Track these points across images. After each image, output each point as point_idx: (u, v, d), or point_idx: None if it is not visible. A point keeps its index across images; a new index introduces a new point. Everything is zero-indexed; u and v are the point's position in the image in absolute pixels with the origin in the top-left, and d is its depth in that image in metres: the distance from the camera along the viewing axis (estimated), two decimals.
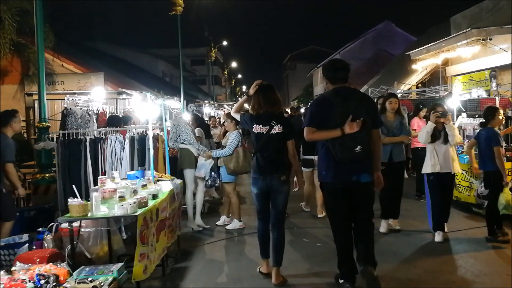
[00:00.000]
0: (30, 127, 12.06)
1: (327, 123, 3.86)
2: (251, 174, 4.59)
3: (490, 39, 12.19)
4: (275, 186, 4.39)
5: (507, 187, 5.71)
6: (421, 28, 26.97)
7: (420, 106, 8.36)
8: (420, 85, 18.81)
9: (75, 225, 4.07)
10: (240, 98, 5.36)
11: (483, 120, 5.84)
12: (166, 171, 6.11)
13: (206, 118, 15.44)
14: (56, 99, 11.33)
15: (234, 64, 53.55)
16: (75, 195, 4.20)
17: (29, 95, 11.92)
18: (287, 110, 17.71)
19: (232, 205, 6.81)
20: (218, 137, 10.37)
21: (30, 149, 9.83)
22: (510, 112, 8.60)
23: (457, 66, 15.18)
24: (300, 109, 15.99)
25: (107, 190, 4.20)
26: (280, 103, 4.59)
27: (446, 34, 14.71)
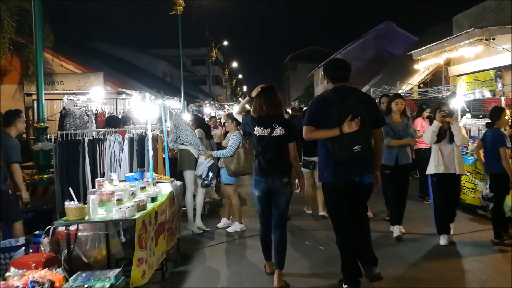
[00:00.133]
0: (30, 127, 11.96)
1: (327, 122, 3.84)
2: (253, 176, 4.56)
3: (493, 39, 12.10)
4: (277, 187, 4.36)
5: None
6: (422, 28, 26.85)
7: (424, 107, 8.24)
8: (422, 85, 18.69)
9: (72, 228, 3.97)
10: (241, 98, 5.33)
11: (489, 121, 5.73)
12: (166, 172, 6.01)
13: (206, 118, 15.33)
14: (55, 99, 11.25)
15: (235, 64, 53.38)
16: (73, 197, 4.11)
17: (28, 95, 11.81)
18: (288, 110, 17.56)
19: (233, 207, 6.71)
20: (219, 137, 10.27)
21: (29, 149, 9.74)
22: None
23: (459, 66, 15.07)
24: (302, 109, 15.85)
25: (105, 192, 4.09)
26: (281, 105, 4.60)
27: (448, 34, 14.61)
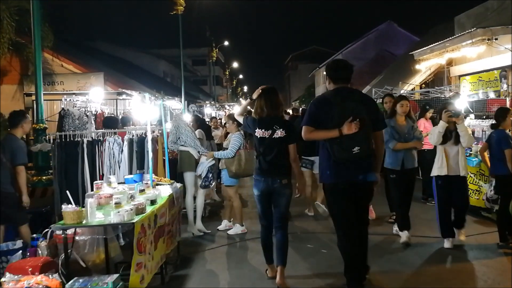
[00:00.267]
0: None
1: (326, 123, 3.80)
2: (254, 176, 4.55)
3: (496, 39, 12.00)
4: (277, 189, 4.36)
5: None
6: (424, 29, 26.80)
7: (427, 107, 8.15)
8: (423, 85, 18.59)
9: (70, 232, 3.88)
10: (242, 99, 5.31)
11: (494, 122, 5.64)
12: (166, 174, 5.93)
13: (207, 119, 15.25)
14: (55, 100, 11.16)
15: (236, 64, 53.28)
16: (73, 198, 4.04)
17: (28, 95, 11.74)
18: (288, 111, 17.43)
19: (234, 209, 6.63)
20: (220, 138, 10.19)
21: (28, 150, 9.67)
22: None
23: (461, 66, 14.97)
24: (305, 110, 15.68)
25: (103, 196, 4.01)
26: (282, 106, 4.60)
27: (449, 34, 14.50)
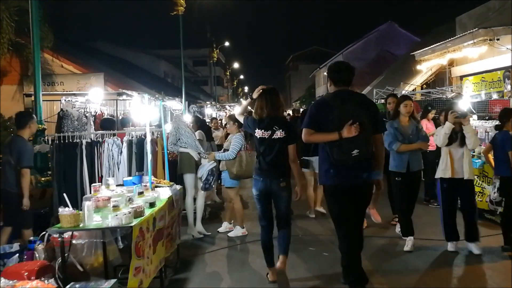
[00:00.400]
0: None
1: (326, 125, 3.79)
2: (253, 176, 4.57)
3: (498, 39, 11.92)
4: (275, 191, 4.40)
5: None
6: (424, 29, 26.71)
7: (429, 108, 8.07)
8: (424, 86, 18.51)
9: (67, 236, 3.81)
10: (242, 99, 5.29)
11: (498, 123, 5.56)
12: (165, 176, 5.85)
13: (207, 119, 15.17)
14: (54, 100, 11.07)
15: (236, 65, 53.23)
16: (71, 201, 3.98)
17: (28, 96, 11.64)
18: (288, 112, 17.34)
19: (234, 211, 6.55)
20: (220, 139, 10.11)
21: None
22: None
23: (462, 66, 14.88)
24: (306, 111, 15.62)
25: (101, 198, 3.94)
26: (283, 107, 4.59)
27: (451, 34, 14.42)
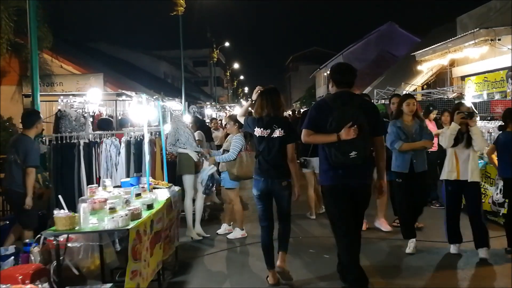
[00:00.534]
0: None
1: (325, 127, 3.80)
2: (253, 175, 4.60)
3: (499, 40, 11.87)
4: (276, 190, 4.43)
5: None
6: (425, 30, 26.59)
7: (430, 108, 7.98)
8: (425, 86, 18.46)
9: (62, 239, 3.73)
10: (242, 100, 5.30)
11: (501, 123, 5.48)
12: (164, 177, 5.78)
13: (207, 120, 15.11)
14: (53, 101, 11.01)
15: (236, 65, 53.18)
16: (69, 202, 3.92)
17: (27, 96, 11.52)
18: (289, 112, 17.26)
19: (234, 212, 6.48)
20: (220, 140, 10.04)
21: None
22: None
23: (463, 67, 14.83)
24: (306, 112, 15.54)
25: (97, 200, 3.87)
26: (283, 107, 4.60)
27: (451, 35, 14.36)
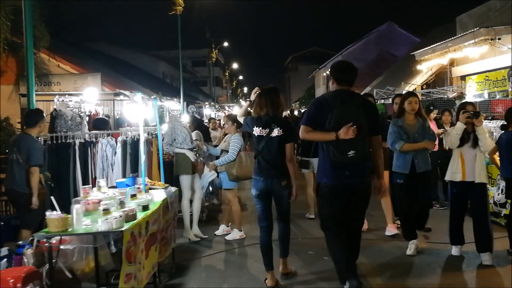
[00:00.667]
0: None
1: (324, 124, 3.79)
2: (253, 175, 4.59)
3: (499, 39, 11.79)
4: (276, 190, 4.42)
5: None
6: (424, 29, 26.57)
7: (431, 108, 7.91)
8: (424, 86, 18.40)
9: (54, 241, 3.65)
10: (241, 100, 5.28)
11: (503, 123, 5.40)
12: (161, 177, 5.69)
13: (206, 120, 15.02)
14: (50, 100, 10.94)
15: (235, 65, 53.10)
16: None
17: (24, 96, 11.45)
18: (287, 112, 17.19)
19: (232, 213, 6.39)
20: (218, 140, 9.94)
21: None
22: None
23: (463, 66, 14.76)
24: (293, 112, 15.51)
25: (91, 201, 3.78)
26: (282, 106, 4.57)
27: (450, 34, 14.28)
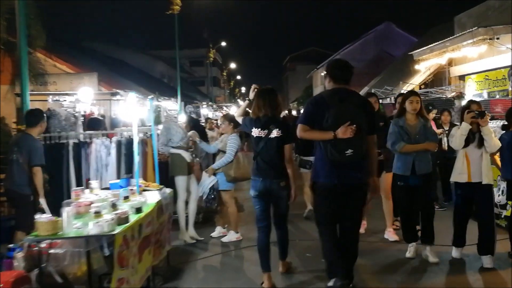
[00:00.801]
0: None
1: (321, 123, 3.78)
2: (251, 176, 4.55)
3: (498, 38, 11.73)
4: (275, 191, 4.39)
5: None
6: (422, 29, 26.53)
7: (430, 107, 7.81)
8: (423, 86, 18.35)
9: (44, 245, 3.55)
10: (239, 100, 5.24)
11: (504, 123, 5.32)
12: (156, 178, 5.59)
13: (203, 120, 14.93)
14: (46, 100, 10.85)
15: (233, 65, 52.97)
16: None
17: (19, 95, 11.41)
18: (285, 112, 17.15)
19: (229, 214, 6.30)
20: (215, 140, 9.85)
21: None
22: None
23: (461, 66, 14.71)
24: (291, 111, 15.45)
25: (82, 204, 3.69)
26: (280, 107, 4.55)
27: (449, 34, 14.22)
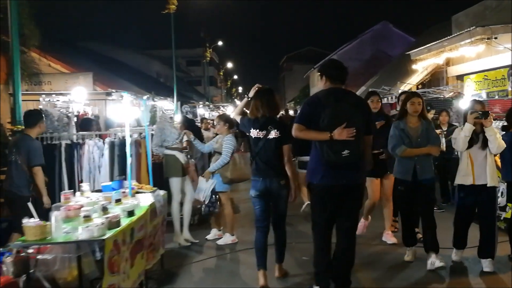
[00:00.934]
0: None
1: (317, 123, 3.75)
2: (251, 177, 4.55)
3: (495, 38, 11.69)
4: (275, 190, 4.38)
5: None
6: (419, 29, 26.58)
7: (428, 108, 7.73)
8: (420, 85, 18.31)
9: (32, 250, 3.44)
10: (236, 99, 5.19)
11: (504, 124, 5.24)
12: (149, 180, 5.48)
13: (199, 119, 14.82)
14: (39, 100, 10.72)
15: (230, 65, 52.85)
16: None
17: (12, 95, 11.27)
18: (282, 112, 17.03)
19: (224, 216, 6.19)
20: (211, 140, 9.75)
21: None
22: None
23: (459, 66, 14.66)
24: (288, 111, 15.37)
25: (72, 207, 3.58)
26: (278, 107, 4.54)
27: (446, 34, 14.18)
